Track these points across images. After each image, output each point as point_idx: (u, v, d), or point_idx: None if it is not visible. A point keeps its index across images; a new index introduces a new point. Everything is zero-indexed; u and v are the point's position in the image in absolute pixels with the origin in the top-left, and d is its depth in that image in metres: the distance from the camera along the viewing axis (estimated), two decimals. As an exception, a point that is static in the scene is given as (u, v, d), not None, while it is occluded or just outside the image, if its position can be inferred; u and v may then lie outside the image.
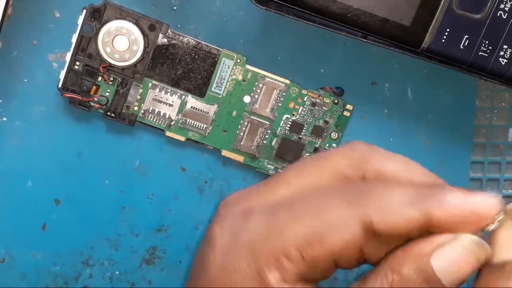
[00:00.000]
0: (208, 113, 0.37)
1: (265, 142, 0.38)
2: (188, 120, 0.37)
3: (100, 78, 0.36)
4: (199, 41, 0.36)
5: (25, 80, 0.37)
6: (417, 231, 0.25)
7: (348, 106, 0.38)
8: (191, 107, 0.37)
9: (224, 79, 0.37)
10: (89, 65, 0.36)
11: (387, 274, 0.25)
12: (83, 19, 0.35)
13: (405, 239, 0.25)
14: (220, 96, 0.37)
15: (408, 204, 0.25)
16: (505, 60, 0.34)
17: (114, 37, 0.35)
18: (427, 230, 0.25)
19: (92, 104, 0.36)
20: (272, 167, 0.38)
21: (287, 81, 0.37)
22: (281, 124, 0.38)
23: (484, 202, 0.24)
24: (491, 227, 0.24)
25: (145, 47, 0.36)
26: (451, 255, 0.24)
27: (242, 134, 0.38)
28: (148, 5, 0.36)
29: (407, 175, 0.28)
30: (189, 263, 0.40)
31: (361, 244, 0.25)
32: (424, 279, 0.24)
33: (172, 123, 0.37)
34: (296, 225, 0.25)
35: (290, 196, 0.27)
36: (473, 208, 0.24)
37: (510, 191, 0.41)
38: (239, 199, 0.29)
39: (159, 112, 0.37)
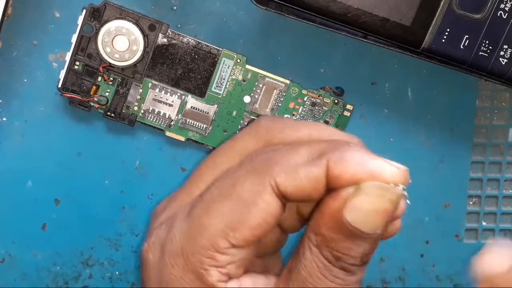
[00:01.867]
0: (208, 113, 0.37)
1: (265, 142, 0.38)
2: (188, 120, 0.37)
3: (100, 78, 0.36)
4: (199, 41, 0.36)
5: (25, 80, 0.37)
6: (323, 190, 0.24)
7: (348, 106, 0.38)
8: (191, 107, 0.37)
9: (224, 79, 0.37)
10: (89, 65, 0.36)
11: (311, 238, 0.24)
12: (83, 19, 0.35)
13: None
14: (220, 96, 0.37)
15: (310, 161, 0.24)
16: (505, 60, 0.34)
17: (114, 37, 0.35)
18: (333, 187, 0.24)
19: (92, 104, 0.36)
20: (272, 167, 0.38)
21: (287, 81, 0.37)
22: (281, 124, 0.38)
23: (383, 169, 0.24)
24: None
25: (145, 47, 0.36)
26: (359, 204, 0.23)
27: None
28: (148, 5, 0.36)
29: (314, 138, 0.27)
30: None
31: (281, 213, 0.25)
32: (344, 234, 0.24)
33: (172, 123, 0.37)
34: (213, 215, 0.25)
35: (205, 189, 0.27)
36: (373, 171, 0.24)
37: (510, 191, 0.41)
38: (165, 208, 0.28)
39: (159, 112, 0.37)
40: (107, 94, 0.36)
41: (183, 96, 0.37)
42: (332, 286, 0.24)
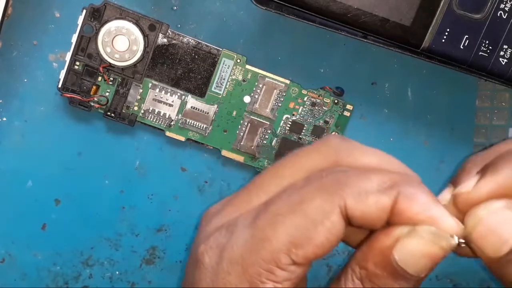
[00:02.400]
0: (208, 113, 0.37)
1: (265, 142, 0.38)
2: (188, 120, 0.37)
3: (100, 78, 0.36)
4: (199, 41, 0.36)
5: (25, 80, 0.37)
6: (385, 221, 0.24)
7: (348, 106, 0.38)
8: (191, 107, 0.37)
9: (224, 79, 0.37)
10: (89, 65, 0.36)
11: (355, 270, 0.25)
12: (83, 19, 0.35)
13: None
14: (220, 96, 0.37)
15: (380, 190, 0.24)
16: (505, 60, 0.34)
17: (114, 37, 0.35)
18: (390, 221, 0.24)
19: (92, 104, 0.36)
20: (272, 167, 0.38)
21: (287, 81, 0.37)
22: (281, 124, 0.38)
23: (445, 217, 0.24)
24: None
25: (145, 47, 0.36)
26: (411, 246, 0.24)
27: (242, 134, 0.38)
28: (148, 5, 0.36)
29: (382, 167, 0.27)
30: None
31: (342, 235, 0.25)
32: (389, 272, 0.24)
33: (172, 123, 0.37)
34: (278, 229, 0.25)
35: (269, 200, 0.27)
36: (434, 217, 0.24)
37: (510, 191, 0.41)
38: (220, 212, 0.28)
39: (159, 112, 0.37)
40: (107, 94, 0.36)
41: (183, 96, 0.37)
42: None
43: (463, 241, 0.24)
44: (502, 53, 0.33)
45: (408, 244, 0.24)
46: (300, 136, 0.38)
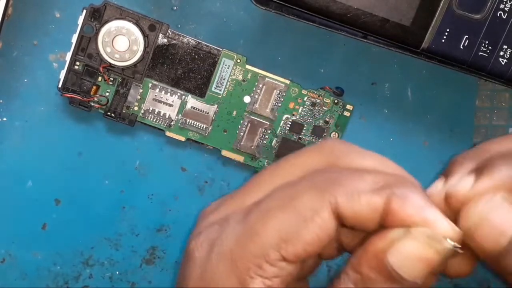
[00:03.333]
0: (208, 113, 0.37)
1: (265, 142, 0.38)
2: (188, 120, 0.37)
3: (100, 78, 0.36)
4: (199, 41, 0.36)
5: (26, 80, 0.37)
6: (378, 222, 0.24)
7: (348, 106, 0.38)
8: (191, 107, 0.37)
9: (224, 79, 0.37)
10: (89, 65, 0.36)
11: (350, 274, 0.24)
12: (83, 19, 0.35)
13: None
14: (220, 96, 0.37)
15: (373, 190, 0.24)
16: (505, 60, 0.34)
17: (114, 37, 0.35)
18: (383, 223, 0.24)
19: (92, 104, 0.36)
20: (272, 167, 0.38)
21: (287, 81, 0.37)
22: (281, 124, 0.38)
23: (440, 220, 0.24)
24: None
25: (145, 47, 0.36)
26: (405, 249, 0.23)
27: (242, 134, 0.38)
28: (148, 5, 0.36)
29: (378, 170, 0.27)
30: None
31: (334, 234, 0.25)
32: (384, 276, 0.23)
33: (172, 123, 0.37)
34: (269, 225, 0.25)
35: (262, 197, 0.27)
36: (428, 219, 0.24)
37: (510, 191, 0.41)
38: (215, 210, 0.28)
39: (159, 112, 0.37)
40: (107, 94, 0.36)
41: (183, 96, 0.37)
42: None
43: (458, 246, 0.24)
44: (502, 53, 0.33)
45: (403, 246, 0.23)
46: (300, 136, 0.38)
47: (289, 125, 0.38)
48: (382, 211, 0.24)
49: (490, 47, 0.33)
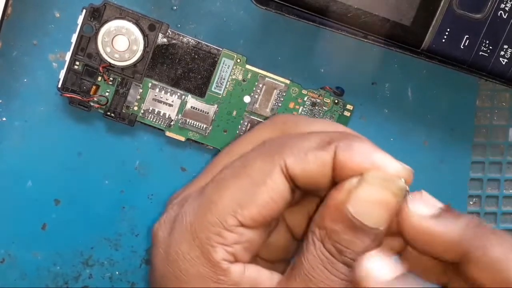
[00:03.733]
0: (208, 113, 0.37)
1: (265, 142, 0.38)
2: (188, 120, 0.37)
3: (100, 78, 0.36)
4: (199, 41, 0.36)
5: (25, 80, 0.37)
6: (330, 178, 0.24)
7: (348, 106, 0.38)
8: (191, 107, 0.37)
9: (224, 79, 0.37)
10: (89, 65, 0.36)
11: (315, 232, 0.24)
12: (83, 19, 0.35)
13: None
14: (220, 96, 0.37)
15: (319, 146, 0.25)
16: (505, 60, 0.34)
17: (114, 37, 0.35)
18: (336, 178, 0.24)
19: (92, 104, 0.36)
20: (272, 167, 0.38)
21: (287, 81, 0.37)
22: (281, 124, 0.38)
23: (388, 162, 0.24)
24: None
25: (145, 47, 0.36)
26: (362, 195, 0.23)
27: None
28: (148, 5, 0.36)
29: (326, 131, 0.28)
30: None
31: (288, 197, 0.25)
32: (348, 227, 0.23)
33: (172, 123, 0.37)
34: (223, 193, 0.25)
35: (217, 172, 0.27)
36: (377, 163, 0.24)
37: (510, 191, 0.41)
38: (179, 194, 0.29)
39: (159, 112, 0.37)
40: (107, 94, 0.36)
41: (183, 96, 0.37)
42: (334, 280, 0.24)
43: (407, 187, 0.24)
44: (502, 53, 0.33)
45: (359, 193, 0.23)
46: (300, 136, 0.38)
47: (289, 125, 0.38)
48: (331, 165, 0.24)
49: (490, 47, 0.33)
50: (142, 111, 0.37)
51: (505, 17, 0.33)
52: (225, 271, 0.25)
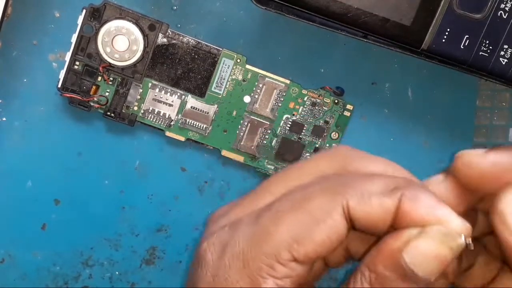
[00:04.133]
0: (208, 113, 0.37)
1: (265, 142, 0.38)
2: (188, 120, 0.37)
3: (100, 78, 0.36)
4: (199, 41, 0.36)
5: (25, 80, 0.37)
6: (389, 224, 0.25)
7: (348, 106, 0.38)
8: (191, 107, 0.37)
9: (224, 79, 0.37)
10: (88, 65, 0.36)
11: (365, 273, 0.25)
12: (83, 19, 0.35)
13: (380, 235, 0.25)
14: (220, 96, 0.37)
15: (384, 192, 0.25)
16: (505, 60, 0.33)
17: (114, 37, 0.35)
18: (395, 225, 0.25)
19: (92, 104, 0.36)
20: (272, 167, 0.38)
21: (287, 81, 0.37)
22: (281, 124, 0.38)
23: (452, 217, 0.24)
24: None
25: (145, 47, 0.36)
26: (421, 247, 0.24)
27: (242, 134, 0.38)
28: (148, 5, 0.36)
29: (389, 173, 0.28)
30: (189, 263, 0.40)
31: (344, 237, 0.25)
32: (399, 274, 0.24)
33: (172, 123, 0.37)
34: (280, 225, 0.25)
35: (274, 200, 0.27)
36: (441, 217, 0.24)
37: (510, 191, 0.41)
38: (226, 213, 0.29)
39: (159, 112, 0.37)
40: (107, 94, 0.36)
41: (183, 96, 0.37)
42: None
43: (470, 241, 0.24)
44: (502, 53, 0.33)
45: (419, 245, 0.24)
46: (300, 136, 0.38)
47: (289, 125, 0.38)
48: (393, 212, 0.24)
49: (490, 47, 0.33)
50: (142, 111, 0.37)
51: (505, 17, 0.33)
52: None
